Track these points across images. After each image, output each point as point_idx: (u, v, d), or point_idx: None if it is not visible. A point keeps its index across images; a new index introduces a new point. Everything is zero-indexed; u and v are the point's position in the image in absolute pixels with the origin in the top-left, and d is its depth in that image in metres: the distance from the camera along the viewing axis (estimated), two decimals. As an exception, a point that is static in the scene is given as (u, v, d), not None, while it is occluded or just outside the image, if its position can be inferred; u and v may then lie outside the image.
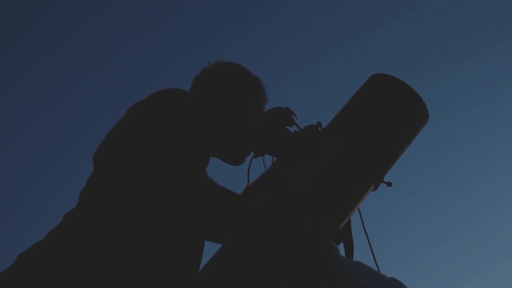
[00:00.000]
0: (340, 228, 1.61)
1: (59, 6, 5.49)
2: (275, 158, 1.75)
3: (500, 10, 5.35)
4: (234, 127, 1.68)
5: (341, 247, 1.60)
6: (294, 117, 1.75)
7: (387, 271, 1.50)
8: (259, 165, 1.75)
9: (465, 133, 5.75)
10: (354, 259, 1.62)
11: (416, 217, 5.66)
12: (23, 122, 5.50)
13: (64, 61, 5.59)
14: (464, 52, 5.65)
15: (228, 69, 1.76)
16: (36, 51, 5.50)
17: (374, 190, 1.66)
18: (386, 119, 1.65)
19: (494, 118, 5.58)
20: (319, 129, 1.69)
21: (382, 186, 1.67)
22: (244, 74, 1.77)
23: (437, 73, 5.69)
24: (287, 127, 1.74)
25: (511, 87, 5.50)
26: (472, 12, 5.51)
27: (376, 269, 1.56)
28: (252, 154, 1.76)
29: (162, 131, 1.41)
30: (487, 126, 5.63)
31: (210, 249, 1.56)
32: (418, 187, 5.69)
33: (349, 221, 1.66)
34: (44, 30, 5.60)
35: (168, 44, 5.78)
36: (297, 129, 1.73)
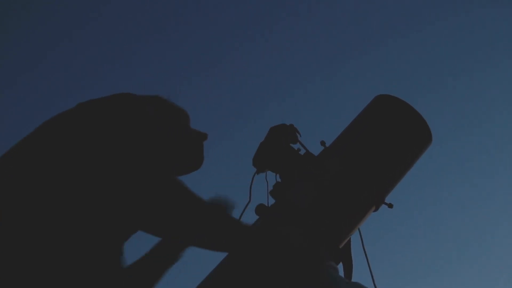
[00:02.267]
0: (340, 248, 1.61)
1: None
2: (277, 175, 1.75)
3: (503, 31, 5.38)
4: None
5: (340, 267, 1.59)
6: (298, 134, 1.76)
7: (386, 292, 1.50)
8: (261, 181, 1.76)
9: (468, 155, 5.75)
10: (353, 279, 1.62)
11: (416, 239, 5.64)
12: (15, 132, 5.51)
13: (59, 70, 5.63)
14: (469, 72, 5.67)
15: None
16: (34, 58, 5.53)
17: (375, 211, 1.66)
18: (389, 141, 1.66)
19: (499, 142, 5.58)
20: (323, 147, 1.69)
21: (383, 207, 1.68)
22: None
23: (441, 94, 5.70)
24: (290, 144, 1.74)
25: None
26: (477, 33, 5.54)
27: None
28: (255, 170, 1.77)
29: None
30: (490, 150, 5.62)
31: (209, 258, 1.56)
32: (419, 209, 5.68)
33: (349, 241, 1.66)
34: (44, 34, 5.63)
35: (163, 59, 5.81)
36: (301, 147, 1.74)
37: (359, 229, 1.68)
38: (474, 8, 5.39)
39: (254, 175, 1.76)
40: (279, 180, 1.72)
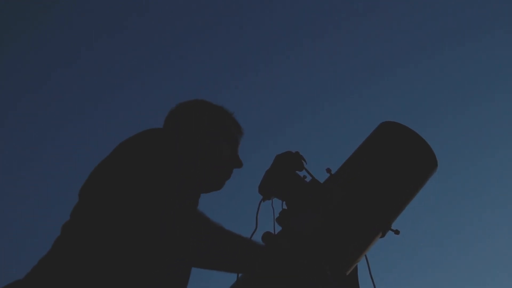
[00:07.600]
0: (347, 274, 1.61)
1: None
2: (283, 202, 1.76)
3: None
4: (210, 154, 1.80)
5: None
6: (304, 162, 1.77)
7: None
8: (268, 209, 1.76)
9: (475, 182, 5.72)
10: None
11: (423, 265, 5.59)
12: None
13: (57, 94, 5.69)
14: (475, 99, 5.68)
15: (195, 106, 1.92)
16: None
17: (381, 237, 1.67)
18: (394, 168, 1.67)
19: (506, 169, 5.56)
20: (329, 174, 1.71)
21: (390, 233, 1.68)
22: (209, 108, 1.92)
23: (446, 121, 5.71)
24: (296, 171, 1.75)
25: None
26: (485, 62, 5.57)
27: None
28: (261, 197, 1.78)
29: (145, 168, 1.51)
30: (498, 178, 5.60)
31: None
32: (426, 235, 5.64)
33: (356, 268, 1.66)
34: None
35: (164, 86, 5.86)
36: (307, 174, 1.75)
37: (366, 256, 1.68)
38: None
39: (260, 203, 1.77)
40: (285, 207, 1.73)
